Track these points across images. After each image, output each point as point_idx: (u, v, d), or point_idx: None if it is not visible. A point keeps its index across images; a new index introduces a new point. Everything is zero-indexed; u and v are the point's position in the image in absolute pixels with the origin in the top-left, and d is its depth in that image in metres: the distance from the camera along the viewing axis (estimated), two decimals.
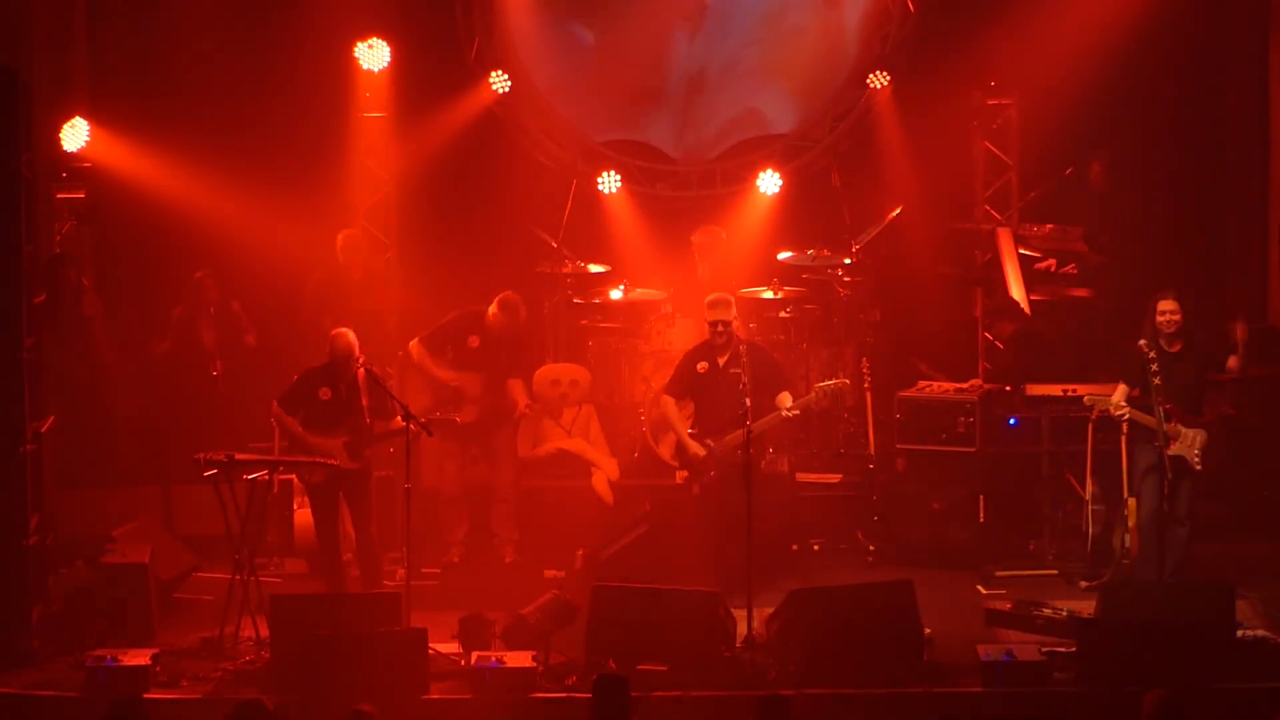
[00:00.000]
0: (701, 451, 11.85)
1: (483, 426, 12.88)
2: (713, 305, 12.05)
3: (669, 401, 12.05)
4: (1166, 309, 11.49)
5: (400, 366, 13.23)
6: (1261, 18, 14.50)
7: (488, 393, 12.79)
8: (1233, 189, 14.53)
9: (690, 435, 12.06)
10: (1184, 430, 11.39)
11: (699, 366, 12.06)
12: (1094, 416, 11.83)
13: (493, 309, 12.60)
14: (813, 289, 14.36)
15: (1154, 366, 11.35)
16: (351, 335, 11.64)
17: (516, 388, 12.79)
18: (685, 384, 12.13)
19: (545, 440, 13.40)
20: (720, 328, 11.92)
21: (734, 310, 12.16)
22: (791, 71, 15.18)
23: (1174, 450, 11.38)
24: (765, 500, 11.79)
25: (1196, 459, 11.39)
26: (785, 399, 11.86)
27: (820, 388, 12.08)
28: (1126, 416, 11.51)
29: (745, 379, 11.45)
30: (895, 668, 10.43)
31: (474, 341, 12.83)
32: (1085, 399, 11.87)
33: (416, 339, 12.94)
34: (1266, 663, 10.43)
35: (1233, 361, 12.16)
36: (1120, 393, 11.59)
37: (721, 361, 11.94)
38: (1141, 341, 11.43)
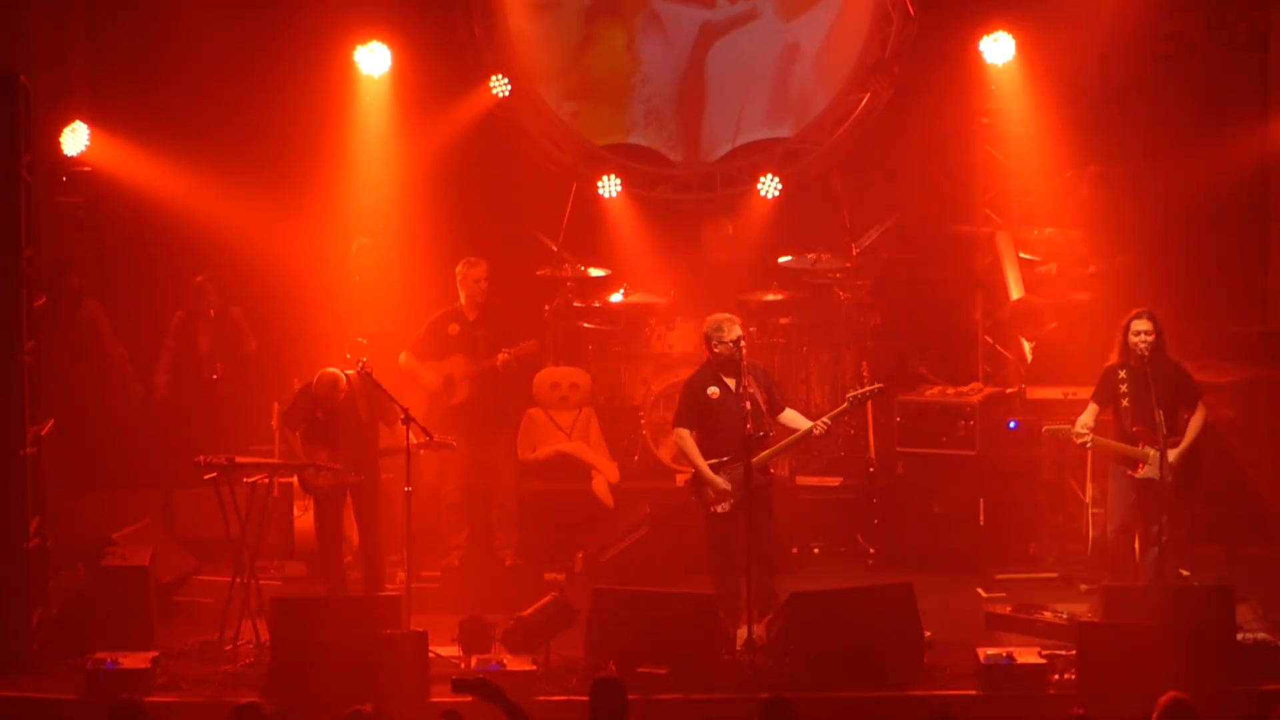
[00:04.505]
0: (727, 486, 11.07)
1: (482, 429, 12.90)
2: (729, 323, 11.26)
3: (686, 435, 11.30)
4: (1141, 329, 11.31)
5: (399, 375, 13.23)
6: (1261, 17, 14.52)
7: (475, 370, 12.84)
8: (1233, 189, 14.51)
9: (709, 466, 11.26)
10: (1152, 452, 11.18)
11: (709, 392, 11.28)
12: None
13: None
14: (813, 292, 14.36)
15: (1124, 388, 11.32)
16: (334, 374, 11.61)
17: (503, 354, 12.80)
18: (697, 412, 11.34)
19: (545, 443, 13.41)
20: (740, 343, 11.15)
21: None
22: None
23: (1143, 474, 11.25)
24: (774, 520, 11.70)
25: (1168, 479, 11.14)
26: (796, 418, 11.28)
27: (853, 395, 11.45)
28: (1090, 444, 11.45)
29: (761, 401, 11.14)
30: (896, 671, 10.44)
31: (454, 329, 12.95)
32: (1045, 430, 11.81)
33: (405, 350, 12.97)
34: (1267, 665, 10.43)
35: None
36: (1090, 413, 11.48)
37: (732, 384, 11.20)
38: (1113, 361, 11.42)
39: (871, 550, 13.03)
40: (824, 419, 11.25)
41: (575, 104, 15.32)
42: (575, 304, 14.33)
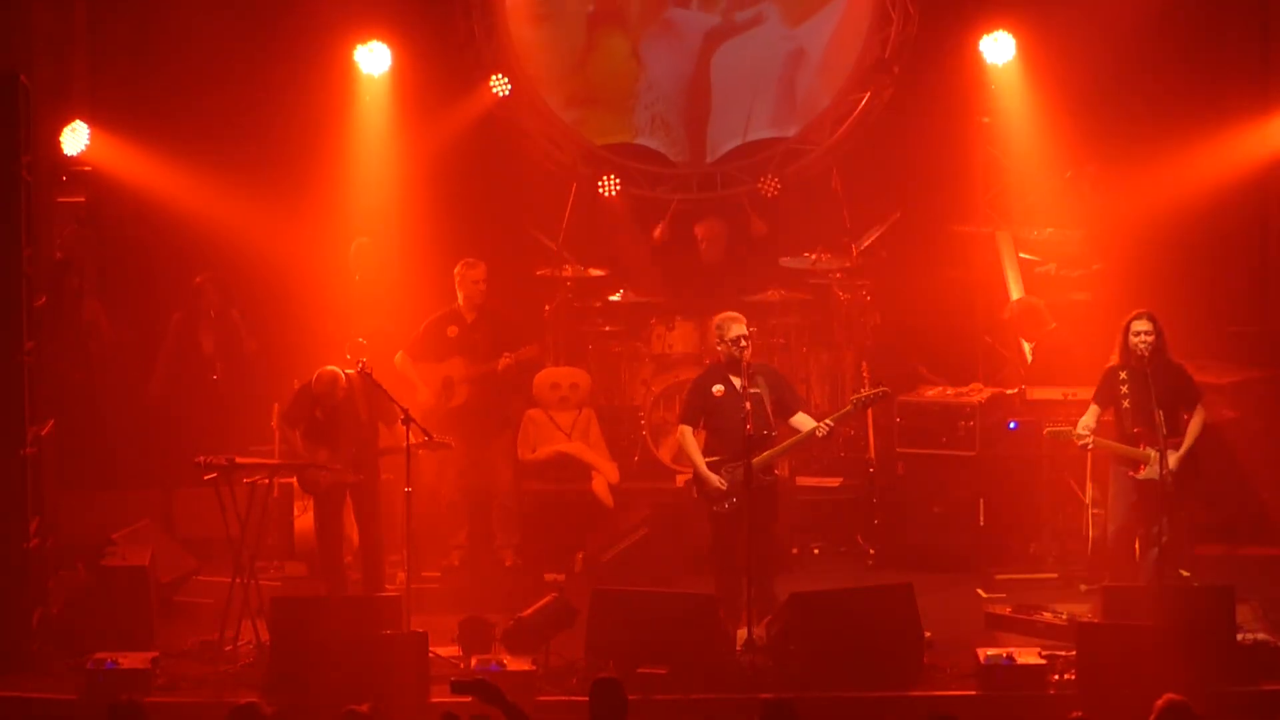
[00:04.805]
0: (723, 486, 11.09)
1: (481, 429, 12.90)
2: (730, 321, 11.25)
3: (686, 431, 11.37)
4: (1140, 329, 11.31)
5: (398, 375, 13.23)
6: (1261, 17, 14.51)
7: (474, 373, 12.83)
8: (1233, 189, 14.50)
9: (709, 464, 11.24)
10: (1153, 453, 11.16)
11: (714, 390, 11.29)
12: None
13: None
14: (813, 293, 14.36)
15: (1124, 389, 11.31)
16: (334, 372, 11.62)
17: (505, 359, 12.79)
18: (701, 410, 11.36)
19: (545, 444, 13.40)
20: (744, 342, 11.14)
21: None
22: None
23: (1144, 475, 11.25)
24: (777, 522, 11.65)
25: (1168, 480, 11.13)
26: (806, 421, 11.25)
27: (856, 399, 11.46)
28: (1091, 446, 11.45)
29: (768, 402, 11.11)
30: (896, 671, 10.44)
31: (452, 331, 12.94)
32: (1046, 431, 11.81)
33: (401, 351, 12.96)
34: (1267, 666, 10.42)
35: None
36: (1091, 414, 11.48)
37: (738, 383, 11.16)
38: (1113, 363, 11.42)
39: (871, 550, 13.03)
40: (827, 421, 11.25)
41: (579, 111, 15.27)
42: (575, 304, 14.32)
